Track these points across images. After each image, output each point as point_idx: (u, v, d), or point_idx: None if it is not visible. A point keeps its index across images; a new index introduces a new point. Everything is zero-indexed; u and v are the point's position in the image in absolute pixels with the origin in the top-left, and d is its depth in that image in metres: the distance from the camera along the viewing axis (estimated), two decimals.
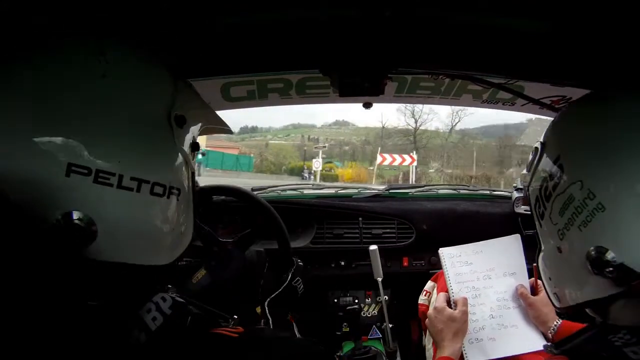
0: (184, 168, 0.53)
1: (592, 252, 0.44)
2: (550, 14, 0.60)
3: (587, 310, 0.54)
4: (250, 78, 0.99)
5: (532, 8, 0.59)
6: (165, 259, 0.52)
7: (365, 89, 0.74)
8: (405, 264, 1.39)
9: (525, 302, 0.85)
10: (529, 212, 1.57)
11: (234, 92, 1.03)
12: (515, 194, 1.42)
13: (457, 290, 0.88)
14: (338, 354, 1.26)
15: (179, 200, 0.52)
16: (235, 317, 0.60)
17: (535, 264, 0.83)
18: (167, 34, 0.63)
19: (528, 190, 0.60)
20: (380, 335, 1.32)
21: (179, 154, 0.53)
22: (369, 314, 1.39)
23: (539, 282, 0.86)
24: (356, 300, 1.38)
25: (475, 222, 1.40)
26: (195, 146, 0.56)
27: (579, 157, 0.49)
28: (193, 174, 0.56)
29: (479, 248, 0.94)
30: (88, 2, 0.54)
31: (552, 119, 0.59)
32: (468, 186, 1.66)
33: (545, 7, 0.59)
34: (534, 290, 0.87)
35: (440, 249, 0.95)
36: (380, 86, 0.75)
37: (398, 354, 1.24)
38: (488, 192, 1.65)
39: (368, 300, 1.40)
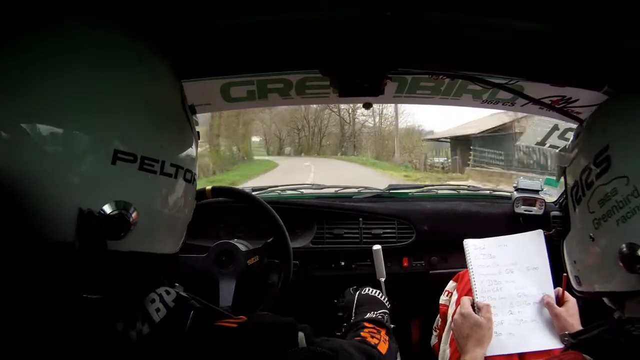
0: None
1: (625, 249, 0.45)
2: (553, 15, 0.60)
3: (604, 299, 0.55)
4: (250, 78, 0.99)
5: (534, 10, 0.59)
6: (174, 247, 0.52)
7: (365, 89, 0.74)
8: (406, 264, 1.38)
9: (551, 313, 0.84)
10: (529, 213, 1.56)
11: (233, 93, 1.03)
12: (516, 194, 1.41)
13: (479, 283, 0.88)
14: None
15: (195, 187, 0.54)
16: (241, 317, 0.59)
17: (565, 274, 0.83)
18: (167, 34, 0.63)
19: (565, 170, 0.59)
20: None
21: (194, 141, 0.54)
22: None
23: (567, 293, 0.85)
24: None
25: (475, 222, 1.40)
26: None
27: (630, 153, 0.48)
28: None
29: (502, 242, 0.93)
30: None
31: (552, 119, 0.58)
32: (468, 187, 1.66)
33: (548, 8, 0.58)
34: (559, 300, 0.86)
35: (465, 240, 0.94)
36: (380, 86, 0.75)
37: (398, 354, 1.24)
38: (488, 192, 1.65)
39: None
